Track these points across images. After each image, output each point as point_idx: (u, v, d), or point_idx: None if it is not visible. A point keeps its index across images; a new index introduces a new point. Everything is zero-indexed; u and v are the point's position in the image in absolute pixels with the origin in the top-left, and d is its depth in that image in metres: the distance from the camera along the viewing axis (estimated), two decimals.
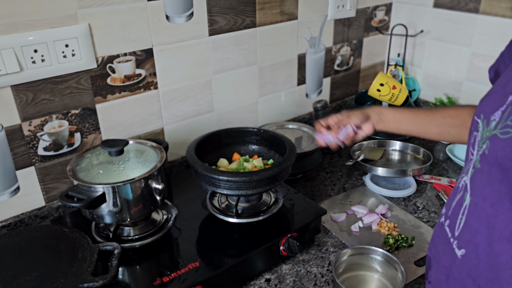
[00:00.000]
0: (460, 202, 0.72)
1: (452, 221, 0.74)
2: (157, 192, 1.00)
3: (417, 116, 1.06)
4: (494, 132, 0.65)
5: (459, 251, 0.70)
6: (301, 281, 1.01)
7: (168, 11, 1.17)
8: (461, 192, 0.73)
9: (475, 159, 0.69)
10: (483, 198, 0.65)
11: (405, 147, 1.55)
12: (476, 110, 0.74)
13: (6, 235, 0.93)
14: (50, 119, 1.08)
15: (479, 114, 0.72)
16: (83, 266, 0.84)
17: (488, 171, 0.65)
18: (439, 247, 0.78)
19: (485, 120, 0.69)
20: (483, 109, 0.71)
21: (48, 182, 1.13)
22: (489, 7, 1.44)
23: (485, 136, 0.68)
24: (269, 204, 1.11)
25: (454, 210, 0.74)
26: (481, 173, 0.67)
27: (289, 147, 1.09)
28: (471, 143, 0.73)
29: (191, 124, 1.35)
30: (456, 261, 0.71)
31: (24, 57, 0.98)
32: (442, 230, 0.77)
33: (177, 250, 1.01)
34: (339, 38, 1.62)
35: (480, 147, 0.68)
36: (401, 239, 1.13)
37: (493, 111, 0.68)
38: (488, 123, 0.68)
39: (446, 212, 0.78)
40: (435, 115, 1.03)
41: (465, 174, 0.73)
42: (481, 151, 0.67)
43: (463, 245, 0.69)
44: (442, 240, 0.77)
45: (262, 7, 1.35)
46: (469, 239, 0.68)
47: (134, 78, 1.18)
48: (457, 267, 0.71)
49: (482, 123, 0.70)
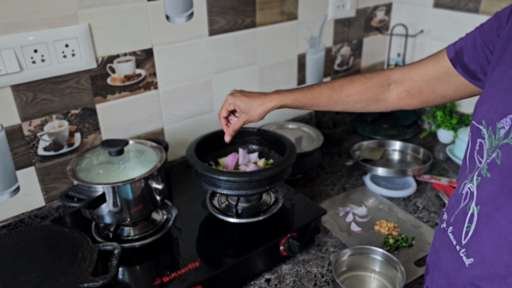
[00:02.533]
0: (464, 210, 0.70)
1: (457, 228, 0.72)
2: (157, 192, 1.00)
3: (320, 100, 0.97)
4: (505, 141, 0.63)
5: (467, 259, 0.69)
6: (301, 281, 1.01)
7: (168, 11, 1.17)
8: (465, 200, 0.71)
9: (481, 167, 0.68)
10: (496, 209, 0.64)
11: (405, 147, 1.55)
12: (475, 115, 0.72)
13: (6, 235, 0.93)
14: (50, 119, 1.08)
15: (480, 120, 0.70)
16: (83, 266, 0.84)
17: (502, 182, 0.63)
18: (440, 253, 0.77)
19: (489, 127, 0.67)
20: (484, 114, 0.69)
21: (48, 182, 1.13)
22: (489, 7, 1.44)
23: (494, 145, 0.65)
24: (269, 204, 1.11)
25: (458, 217, 0.72)
26: (492, 183, 0.65)
27: (289, 147, 1.09)
28: (476, 150, 0.71)
29: (191, 124, 1.35)
30: (463, 270, 0.70)
31: (24, 57, 0.98)
32: (444, 236, 0.76)
33: (177, 250, 1.01)
34: (339, 38, 1.62)
35: (489, 155, 0.66)
36: (401, 239, 1.13)
37: (499, 118, 0.65)
38: (495, 131, 0.66)
39: (448, 219, 0.76)
40: (339, 95, 0.95)
41: (468, 181, 0.71)
42: (490, 159, 0.66)
43: (472, 254, 0.68)
44: (444, 246, 0.76)
45: (262, 7, 1.35)
46: (479, 248, 0.67)
47: (134, 78, 1.18)
48: (462, 275, 0.70)
49: (486, 131, 0.68)
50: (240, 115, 0.98)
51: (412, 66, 0.90)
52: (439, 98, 0.88)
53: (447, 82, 0.84)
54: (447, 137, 1.62)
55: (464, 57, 0.80)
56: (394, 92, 0.92)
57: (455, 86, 0.83)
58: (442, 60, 0.84)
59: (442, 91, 0.86)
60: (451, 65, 0.82)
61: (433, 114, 1.63)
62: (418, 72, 0.88)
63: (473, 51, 0.78)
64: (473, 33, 0.80)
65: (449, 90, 0.85)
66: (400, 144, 1.56)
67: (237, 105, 0.97)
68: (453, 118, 1.57)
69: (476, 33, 0.79)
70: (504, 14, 0.73)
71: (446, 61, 0.83)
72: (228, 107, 0.99)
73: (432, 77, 0.86)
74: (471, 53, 0.79)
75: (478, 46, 0.77)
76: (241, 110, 0.97)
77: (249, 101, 0.97)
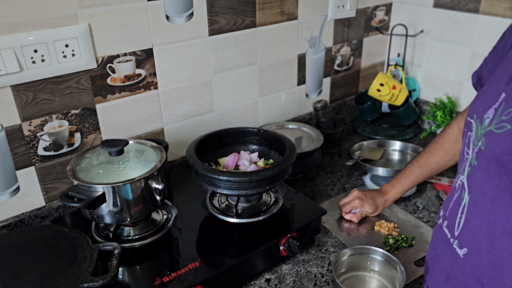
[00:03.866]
0: (458, 202, 0.72)
1: (451, 221, 0.73)
2: (157, 192, 1.00)
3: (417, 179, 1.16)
4: (489, 129, 0.65)
5: (460, 250, 0.70)
6: (301, 281, 1.01)
7: (168, 11, 1.17)
8: (458, 192, 0.72)
9: (470, 157, 0.70)
10: (482, 195, 0.65)
11: (405, 147, 1.55)
12: (469, 111, 0.74)
13: (6, 235, 0.93)
14: (50, 119, 1.08)
15: (472, 114, 0.73)
16: (83, 266, 0.84)
17: (486, 166, 0.65)
18: (438, 249, 0.78)
19: (478, 119, 0.70)
20: (476, 109, 0.72)
21: (48, 182, 1.13)
22: (489, 7, 1.44)
23: (479, 134, 0.68)
24: (269, 204, 1.11)
25: (452, 210, 0.74)
26: (478, 170, 0.67)
27: (289, 147, 1.09)
28: (466, 143, 0.73)
29: (191, 124, 1.35)
30: (458, 261, 0.70)
31: (24, 57, 0.98)
32: (440, 231, 0.77)
33: (177, 250, 1.01)
34: (339, 38, 1.62)
35: (475, 145, 0.69)
36: (401, 239, 1.13)
37: (485, 110, 0.68)
38: (481, 122, 0.68)
39: (444, 214, 0.77)
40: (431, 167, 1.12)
41: (461, 174, 0.73)
42: (477, 148, 0.68)
43: (465, 244, 0.69)
44: (441, 242, 0.77)
45: (262, 7, 1.35)
46: (470, 237, 0.68)
47: (134, 78, 1.18)
48: (459, 266, 0.70)
49: (475, 123, 0.71)
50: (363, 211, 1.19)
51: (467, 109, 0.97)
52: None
53: None
54: None
55: (483, 80, 0.85)
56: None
57: None
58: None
59: None
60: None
61: (433, 114, 1.63)
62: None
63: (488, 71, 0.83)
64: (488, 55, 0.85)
65: None
66: (400, 144, 1.56)
67: (364, 209, 1.19)
68: (453, 118, 1.57)
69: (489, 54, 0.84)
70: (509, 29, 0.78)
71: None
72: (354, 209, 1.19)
73: None
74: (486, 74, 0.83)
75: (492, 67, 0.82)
76: (367, 213, 1.20)
77: (374, 203, 1.19)
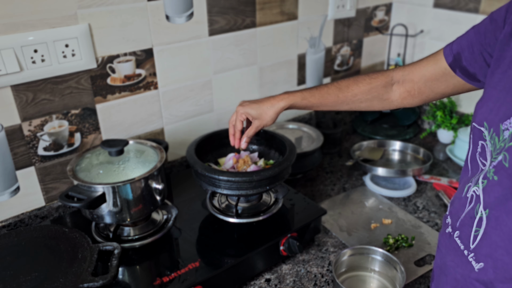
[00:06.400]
0: (471, 214, 0.70)
1: (464, 232, 0.72)
2: (157, 192, 1.00)
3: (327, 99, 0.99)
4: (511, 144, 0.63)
5: (477, 264, 0.69)
6: (301, 281, 1.01)
7: (168, 11, 1.17)
8: (471, 204, 0.70)
9: (487, 169, 0.67)
10: (506, 213, 0.64)
11: (405, 147, 1.55)
12: (475, 117, 0.72)
13: (6, 235, 0.93)
14: (50, 119, 1.08)
15: (481, 122, 0.69)
16: (83, 266, 0.84)
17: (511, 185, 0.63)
18: (447, 259, 0.77)
19: (491, 128, 0.67)
20: (486, 116, 0.69)
21: (48, 182, 1.13)
22: (489, 7, 1.44)
23: (499, 147, 0.65)
24: (269, 204, 1.11)
25: (464, 222, 0.72)
26: (500, 186, 0.64)
27: (289, 147, 1.09)
28: (478, 152, 0.70)
29: (191, 124, 1.35)
30: (472, 274, 0.70)
31: (24, 57, 0.98)
32: (451, 241, 0.75)
33: (177, 250, 1.01)
34: (339, 38, 1.62)
35: (494, 157, 0.66)
36: (401, 239, 1.13)
37: (501, 120, 0.65)
38: (498, 133, 0.65)
39: (453, 223, 0.75)
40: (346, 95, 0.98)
41: (473, 184, 0.71)
42: (496, 162, 0.65)
43: (482, 259, 0.68)
44: (451, 251, 0.75)
45: (262, 7, 1.35)
46: (489, 253, 0.67)
47: (134, 78, 1.18)
48: (472, 280, 0.70)
49: (488, 132, 0.68)
50: (253, 121, 1.01)
51: (411, 68, 0.92)
52: (439, 96, 0.91)
53: (445, 82, 0.86)
54: (447, 137, 1.62)
55: (462, 61, 0.81)
56: (396, 92, 0.96)
57: (453, 85, 0.86)
58: (439, 62, 0.86)
59: (441, 90, 0.89)
60: (448, 66, 0.84)
61: (433, 114, 1.63)
62: (417, 73, 0.91)
63: (471, 54, 0.79)
64: (468, 35, 0.80)
65: (447, 88, 0.87)
66: (400, 144, 1.56)
67: (249, 113, 1.01)
68: (453, 118, 1.57)
69: (471, 35, 0.79)
70: (499, 15, 0.73)
71: (443, 63, 0.85)
72: (241, 118, 1.02)
73: (430, 78, 0.88)
74: (468, 57, 0.79)
75: (475, 49, 0.78)
76: (253, 117, 1.01)
77: (259, 106, 1.00)
